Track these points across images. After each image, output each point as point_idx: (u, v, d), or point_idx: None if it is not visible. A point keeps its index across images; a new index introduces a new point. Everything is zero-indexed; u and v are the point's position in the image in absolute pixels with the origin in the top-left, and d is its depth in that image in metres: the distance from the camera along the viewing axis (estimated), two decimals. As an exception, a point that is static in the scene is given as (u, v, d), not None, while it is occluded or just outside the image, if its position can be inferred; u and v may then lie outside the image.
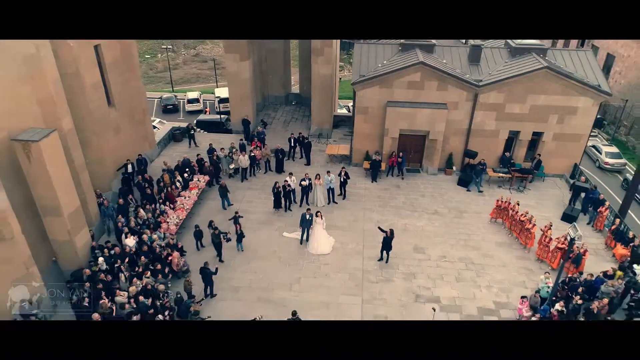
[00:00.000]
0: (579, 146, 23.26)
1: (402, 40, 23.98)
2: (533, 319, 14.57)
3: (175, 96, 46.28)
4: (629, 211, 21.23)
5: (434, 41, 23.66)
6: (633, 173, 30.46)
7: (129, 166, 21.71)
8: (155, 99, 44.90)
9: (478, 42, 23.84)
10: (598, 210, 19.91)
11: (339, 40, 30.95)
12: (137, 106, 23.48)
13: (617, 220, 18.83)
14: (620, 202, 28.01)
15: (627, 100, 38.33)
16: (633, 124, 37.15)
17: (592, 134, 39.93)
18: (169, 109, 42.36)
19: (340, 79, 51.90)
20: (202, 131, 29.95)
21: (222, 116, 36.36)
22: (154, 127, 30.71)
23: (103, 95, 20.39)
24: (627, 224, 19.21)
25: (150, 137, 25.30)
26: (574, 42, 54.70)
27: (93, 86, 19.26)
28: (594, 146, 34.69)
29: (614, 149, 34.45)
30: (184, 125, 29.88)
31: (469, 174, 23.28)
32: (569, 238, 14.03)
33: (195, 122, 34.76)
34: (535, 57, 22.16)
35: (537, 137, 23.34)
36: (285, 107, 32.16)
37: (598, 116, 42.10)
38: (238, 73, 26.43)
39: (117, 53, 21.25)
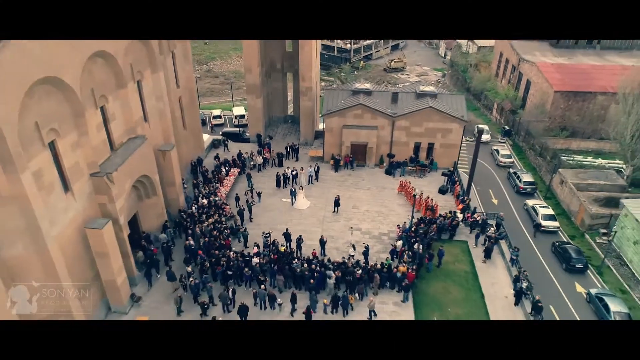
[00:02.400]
0: (455, 151, 39.34)
1: (353, 88, 40.17)
2: (402, 234, 30.57)
3: (203, 112, 62.27)
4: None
5: (371, 88, 39.84)
6: (517, 169, 47.00)
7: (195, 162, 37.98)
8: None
9: (397, 89, 40.04)
10: (455, 186, 36.10)
11: (319, 83, 47.01)
12: (195, 127, 39.63)
13: (459, 190, 35.02)
14: (502, 185, 44.57)
15: (520, 117, 54.61)
16: (526, 133, 53.15)
17: (501, 140, 56.31)
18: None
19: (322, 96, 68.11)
20: (230, 141, 45.90)
21: (240, 129, 52.54)
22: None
23: (181, 122, 36.49)
24: (465, 194, 35.41)
25: (201, 145, 41.47)
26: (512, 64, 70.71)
27: (178, 118, 35.36)
28: (496, 150, 50.86)
29: (506, 152, 50.70)
30: (218, 137, 46.03)
31: (393, 168, 39.40)
32: (415, 193, 30.15)
33: (221, 133, 50.91)
34: (428, 100, 38.35)
35: (431, 145, 39.50)
36: (283, 124, 48.38)
37: (507, 128, 58.51)
38: (254, 105, 42.69)
39: (187, 100, 37.32)
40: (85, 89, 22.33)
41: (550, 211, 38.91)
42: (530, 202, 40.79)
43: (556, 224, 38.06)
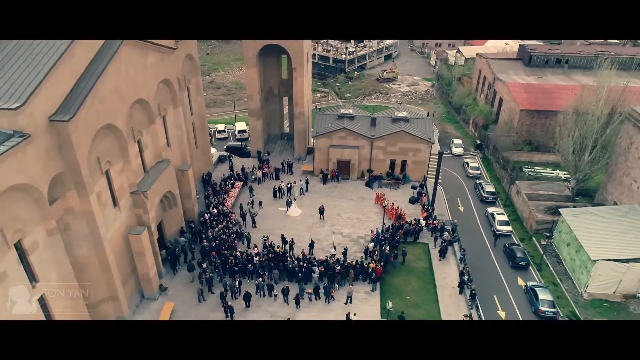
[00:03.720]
0: (424, 167, 46.62)
1: (339, 113, 47.41)
2: (374, 237, 37.74)
3: (209, 127, 69.39)
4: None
5: (354, 114, 47.09)
6: (483, 180, 54.07)
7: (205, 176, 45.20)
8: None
9: (375, 114, 47.34)
10: (421, 197, 43.36)
11: (311, 106, 54.24)
12: (205, 145, 46.84)
13: (425, 200, 42.26)
14: (469, 195, 51.54)
15: (488, 133, 61.85)
16: (493, 147, 60.37)
17: (472, 153, 63.31)
18: (206, 137, 65.48)
19: (319, 109, 75.04)
20: (233, 156, 53.05)
21: (242, 143, 59.71)
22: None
23: (194, 143, 43.68)
24: (430, 203, 42.65)
25: (209, 161, 48.69)
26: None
27: (191, 140, 42.55)
28: (466, 162, 58.11)
29: (475, 164, 57.92)
30: (224, 153, 53.27)
31: (372, 181, 46.67)
32: (385, 204, 37.37)
33: (225, 147, 58.12)
34: (401, 124, 45.60)
35: (404, 162, 46.78)
36: (280, 141, 55.64)
37: (478, 142, 65.49)
38: (255, 126, 49.96)
39: (199, 123, 44.52)
40: (128, 128, 29.53)
41: (505, 217, 46.25)
42: (490, 209, 48.10)
43: (509, 228, 45.38)
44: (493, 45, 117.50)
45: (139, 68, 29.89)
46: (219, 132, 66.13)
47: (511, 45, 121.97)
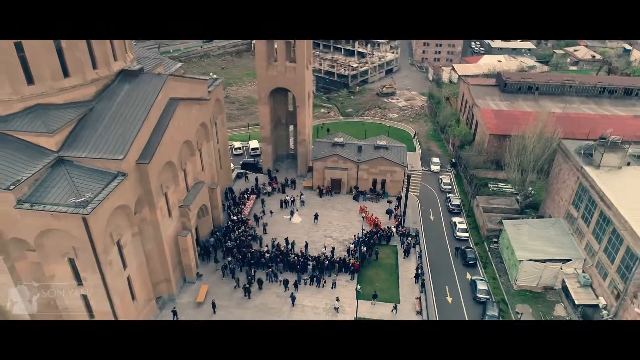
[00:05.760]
0: (399, 185, 58.70)
1: (333, 140, 59.77)
2: (355, 240, 49.96)
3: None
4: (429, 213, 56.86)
5: (345, 142, 59.45)
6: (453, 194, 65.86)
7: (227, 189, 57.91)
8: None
9: (361, 142, 59.75)
10: (395, 209, 55.56)
11: (311, 133, 66.68)
12: (227, 165, 59.43)
13: (398, 212, 54.45)
14: (440, 206, 63.50)
15: (461, 153, 73.73)
16: (464, 165, 72.14)
17: (448, 171, 75.06)
18: (224, 153, 78.02)
19: (322, 126, 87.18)
20: (248, 173, 65.44)
21: (255, 159, 72.25)
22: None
23: (219, 165, 56.23)
24: (402, 215, 54.88)
25: (230, 177, 61.29)
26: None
27: (217, 163, 55.09)
28: (440, 178, 70.12)
29: (447, 180, 69.89)
30: (241, 170, 65.91)
31: (358, 196, 58.93)
32: (362, 215, 49.66)
33: (241, 163, 70.77)
34: (381, 151, 57.79)
35: (384, 180, 58.98)
36: (286, 159, 68.10)
37: (454, 160, 77.21)
38: (266, 150, 62.55)
39: (222, 149, 57.09)
40: (178, 162, 42.12)
41: (464, 226, 58.40)
42: (454, 219, 60.19)
43: (467, 234, 57.48)
44: (485, 63, 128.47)
45: (186, 119, 42.51)
46: (236, 149, 78.51)
47: (502, 63, 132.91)
